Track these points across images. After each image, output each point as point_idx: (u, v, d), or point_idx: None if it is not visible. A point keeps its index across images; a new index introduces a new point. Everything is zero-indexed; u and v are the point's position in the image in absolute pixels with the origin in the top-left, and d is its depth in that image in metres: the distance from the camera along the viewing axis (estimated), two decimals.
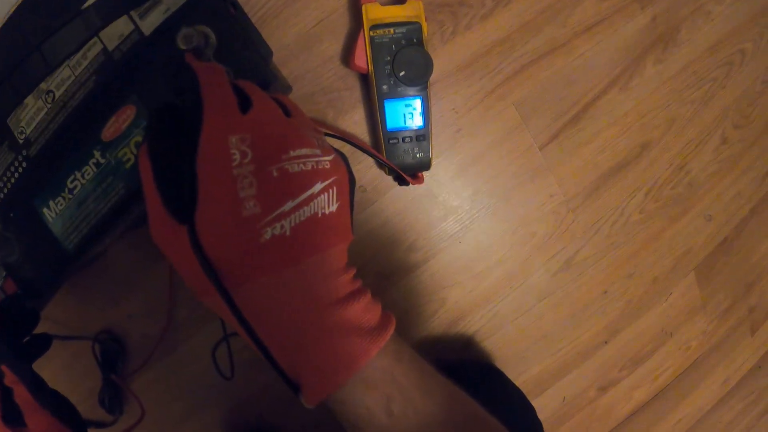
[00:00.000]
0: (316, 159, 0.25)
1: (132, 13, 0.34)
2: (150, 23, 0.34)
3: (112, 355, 0.57)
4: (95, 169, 0.36)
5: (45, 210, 0.38)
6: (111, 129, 0.35)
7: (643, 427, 0.80)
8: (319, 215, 0.25)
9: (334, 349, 0.25)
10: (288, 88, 0.47)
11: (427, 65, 0.48)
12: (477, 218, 0.60)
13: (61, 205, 0.37)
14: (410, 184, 0.52)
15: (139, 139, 0.35)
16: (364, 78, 0.51)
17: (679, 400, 0.83)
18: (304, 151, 0.25)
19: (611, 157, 0.64)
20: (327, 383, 0.25)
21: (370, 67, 0.48)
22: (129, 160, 0.35)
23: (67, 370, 0.57)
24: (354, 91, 0.52)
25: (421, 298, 0.61)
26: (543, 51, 0.58)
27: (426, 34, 0.49)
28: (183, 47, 0.30)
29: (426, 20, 0.49)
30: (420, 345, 0.62)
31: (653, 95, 0.65)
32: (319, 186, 0.25)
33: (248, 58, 0.33)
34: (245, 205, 0.23)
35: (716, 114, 0.69)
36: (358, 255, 0.56)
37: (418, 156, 0.51)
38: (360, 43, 0.47)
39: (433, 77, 0.50)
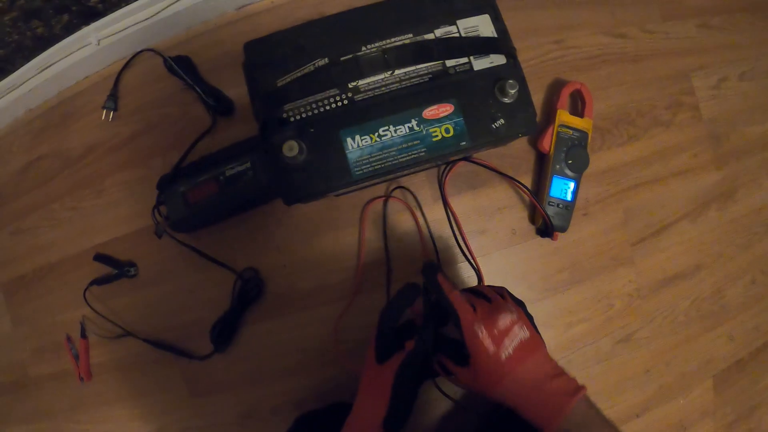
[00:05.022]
0: (509, 318, 0.44)
1: (471, 57, 0.52)
2: (479, 64, 0.53)
3: (248, 294, 0.64)
4: (407, 131, 0.51)
5: (348, 140, 0.51)
6: (431, 112, 0.51)
7: None
8: (522, 340, 0.43)
9: (553, 404, 0.40)
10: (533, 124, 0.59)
11: (586, 162, 0.65)
12: (576, 282, 0.72)
13: (366, 143, 0.51)
14: (554, 238, 0.65)
15: (449, 126, 0.51)
16: (541, 157, 0.67)
17: None
18: (502, 317, 0.44)
19: (675, 267, 0.78)
20: (552, 425, 0.40)
21: (552, 151, 0.64)
22: (436, 136, 0.51)
23: (195, 293, 0.66)
24: (529, 164, 0.68)
25: None
26: (649, 179, 0.75)
27: (589, 142, 0.65)
28: (498, 94, 0.48)
29: (591, 133, 0.66)
30: None
31: (711, 231, 0.80)
32: (517, 329, 0.43)
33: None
34: (490, 349, 0.42)
35: (751, 260, 0.83)
36: (489, 281, 0.68)
37: (561, 220, 0.65)
38: (549, 132, 0.64)
39: (585, 171, 0.66)
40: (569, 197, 0.65)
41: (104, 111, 0.69)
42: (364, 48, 0.53)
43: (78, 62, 0.70)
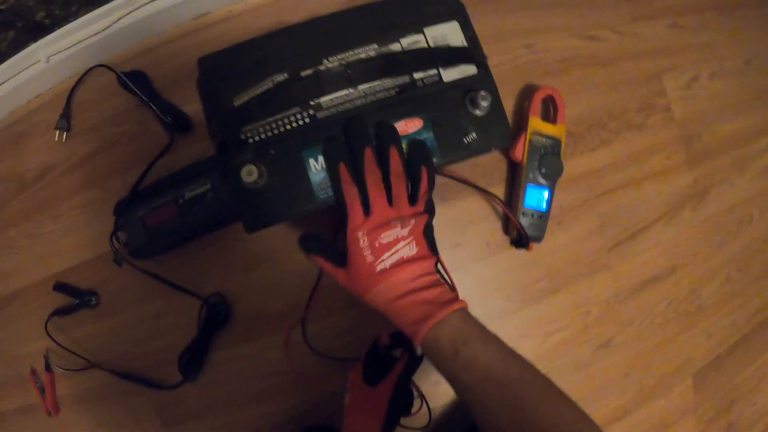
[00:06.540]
0: (396, 235, 0.42)
1: (440, 68, 0.49)
2: (449, 75, 0.49)
3: (214, 320, 0.60)
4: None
5: (311, 160, 0.46)
6: (399, 127, 0.47)
7: None
8: (404, 257, 0.42)
9: (422, 311, 0.39)
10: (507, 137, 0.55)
11: (560, 170, 0.62)
12: (553, 290, 0.70)
13: None
14: (529, 248, 0.63)
15: (417, 139, 0.47)
16: (513, 166, 0.64)
17: None
18: (388, 233, 0.42)
19: (651, 270, 0.76)
20: (419, 331, 0.39)
21: (524, 160, 0.61)
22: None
23: (161, 320, 0.63)
24: (501, 173, 0.65)
25: None
26: (622, 183, 0.73)
27: (562, 149, 0.63)
28: (470, 106, 0.46)
29: (564, 139, 0.63)
30: None
31: (686, 232, 0.79)
32: (401, 245, 0.42)
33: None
34: (367, 258, 0.41)
35: (725, 258, 0.82)
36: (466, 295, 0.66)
37: (536, 231, 0.63)
38: (521, 141, 0.61)
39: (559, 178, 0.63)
40: (544, 206, 0.63)
41: (57, 131, 0.65)
42: (326, 61, 0.50)
43: (28, 80, 0.65)
